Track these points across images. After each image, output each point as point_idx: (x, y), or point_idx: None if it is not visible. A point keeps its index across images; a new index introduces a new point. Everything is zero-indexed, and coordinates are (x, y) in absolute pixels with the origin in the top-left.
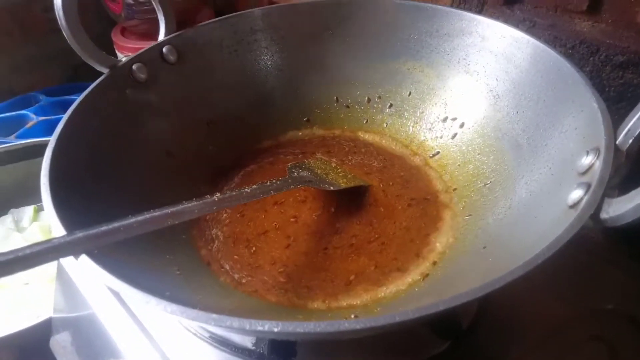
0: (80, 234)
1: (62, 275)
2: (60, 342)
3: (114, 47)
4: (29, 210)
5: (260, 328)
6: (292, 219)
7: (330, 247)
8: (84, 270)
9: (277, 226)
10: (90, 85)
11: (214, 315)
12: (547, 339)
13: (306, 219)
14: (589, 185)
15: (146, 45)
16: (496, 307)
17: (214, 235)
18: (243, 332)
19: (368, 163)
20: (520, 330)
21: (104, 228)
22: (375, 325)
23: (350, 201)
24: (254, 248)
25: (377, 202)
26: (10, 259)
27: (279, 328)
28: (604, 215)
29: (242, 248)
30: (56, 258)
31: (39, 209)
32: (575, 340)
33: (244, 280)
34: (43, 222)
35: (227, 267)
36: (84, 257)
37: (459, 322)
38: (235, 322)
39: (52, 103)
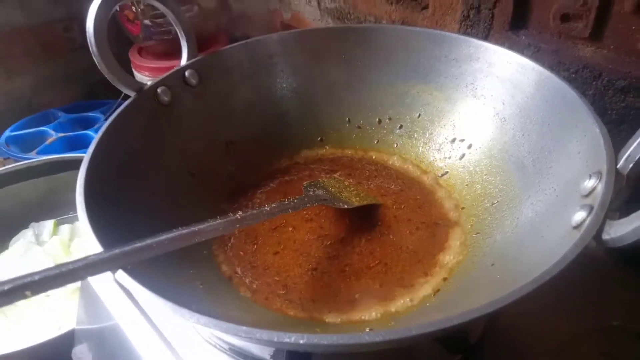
0: (117, 251)
1: (86, 288)
2: (82, 353)
3: (131, 66)
4: (49, 224)
5: (287, 340)
6: (304, 238)
7: (345, 266)
8: (108, 283)
9: (289, 245)
10: (106, 102)
11: (244, 328)
12: (555, 355)
13: (316, 239)
14: (591, 208)
15: (162, 64)
16: (503, 324)
17: (233, 251)
18: (270, 344)
19: (379, 182)
20: (528, 347)
21: (138, 245)
22: (394, 338)
23: (362, 220)
24: (269, 264)
25: (387, 224)
26: (55, 274)
27: (304, 340)
28: (605, 236)
29: (259, 264)
30: (96, 273)
31: (59, 223)
32: (583, 357)
33: (261, 294)
34: (62, 235)
35: (247, 281)
36: (120, 273)
37: (467, 337)
38: (264, 334)
39: (71, 120)
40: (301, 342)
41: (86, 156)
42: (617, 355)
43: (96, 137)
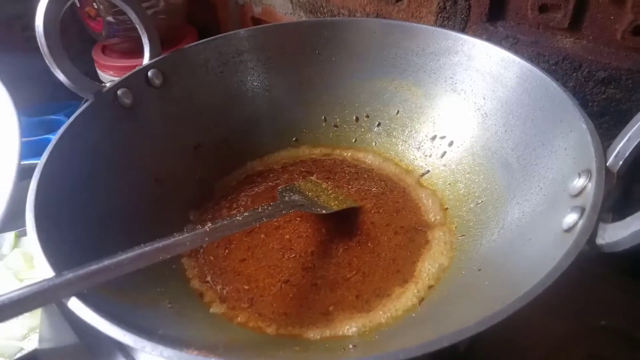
0: (70, 275)
1: (47, 306)
2: None
3: (95, 65)
4: (9, 236)
5: None
6: (276, 246)
7: (320, 278)
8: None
9: (260, 254)
10: (71, 103)
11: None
12: (544, 358)
13: (289, 248)
14: (582, 209)
15: (127, 63)
16: (492, 329)
17: (203, 265)
18: None
19: (358, 184)
20: (517, 351)
21: (94, 267)
22: None
23: (339, 226)
24: (244, 278)
25: (365, 230)
26: None
27: None
28: (600, 240)
29: (232, 278)
30: (45, 303)
31: (20, 235)
32: (573, 359)
33: (235, 311)
34: (24, 248)
35: (218, 298)
36: (74, 300)
37: (455, 346)
38: None
39: (33, 123)
40: None
41: (38, 166)
42: (607, 357)
43: (49, 146)
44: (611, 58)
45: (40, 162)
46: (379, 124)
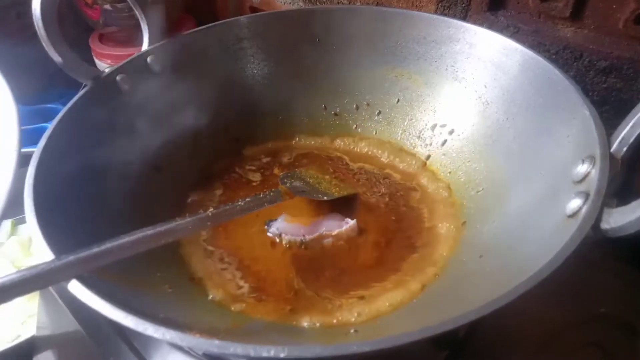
0: (71, 257)
1: (45, 292)
2: None
3: (92, 54)
4: (5, 224)
5: (265, 354)
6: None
7: (324, 264)
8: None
9: (263, 242)
10: (67, 92)
11: (217, 342)
12: (542, 346)
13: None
14: (587, 195)
15: (125, 52)
16: (491, 316)
17: (203, 251)
18: (247, 358)
19: (358, 171)
20: (515, 338)
21: (95, 250)
22: (383, 347)
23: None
24: (244, 265)
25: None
26: None
27: (285, 353)
28: (604, 225)
29: (232, 264)
30: (45, 286)
31: (17, 223)
32: (571, 347)
33: (235, 298)
34: (21, 236)
35: (219, 283)
36: (74, 283)
37: (455, 331)
38: (239, 348)
39: (29, 112)
40: (282, 355)
41: (36, 152)
42: (604, 345)
43: (47, 131)
44: (612, 47)
45: (39, 147)
46: (379, 113)
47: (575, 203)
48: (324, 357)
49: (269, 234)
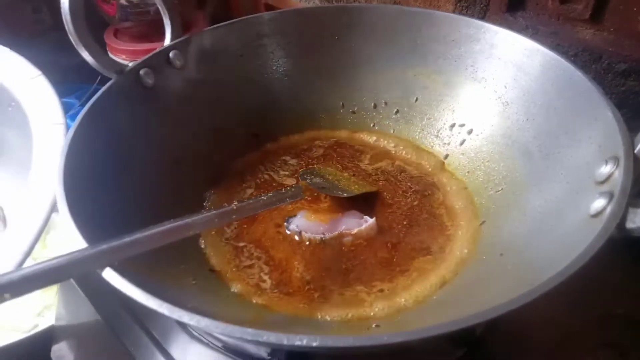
0: (104, 246)
1: (65, 283)
2: (62, 352)
3: (107, 48)
4: None
5: (298, 343)
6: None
7: (344, 259)
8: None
9: (282, 236)
10: (81, 86)
11: (250, 330)
12: (558, 346)
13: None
14: (611, 195)
15: (139, 47)
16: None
17: (225, 245)
18: (278, 346)
19: (376, 169)
20: (531, 338)
21: (127, 239)
22: (413, 338)
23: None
24: (266, 259)
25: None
26: (37, 272)
27: (317, 342)
28: (630, 224)
29: (254, 258)
30: (82, 272)
31: None
32: (587, 347)
33: (257, 291)
34: None
35: (240, 276)
36: (108, 271)
37: (473, 330)
38: (273, 336)
39: None
40: (314, 344)
41: (64, 143)
42: (621, 345)
43: (75, 123)
44: (632, 50)
45: (67, 137)
46: (397, 112)
47: (599, 203)
48: (355, 347)
49: (287, 231)
